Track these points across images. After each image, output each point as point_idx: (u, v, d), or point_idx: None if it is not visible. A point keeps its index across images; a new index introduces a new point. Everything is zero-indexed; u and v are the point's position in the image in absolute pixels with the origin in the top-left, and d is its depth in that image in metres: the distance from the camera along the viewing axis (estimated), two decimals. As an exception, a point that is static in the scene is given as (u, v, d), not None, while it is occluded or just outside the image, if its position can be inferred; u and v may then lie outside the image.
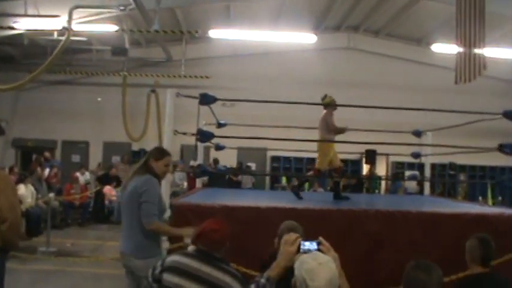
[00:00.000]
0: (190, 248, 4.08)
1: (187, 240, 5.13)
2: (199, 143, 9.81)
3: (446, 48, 16.25)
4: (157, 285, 3.86)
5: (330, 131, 9.17)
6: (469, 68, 10.28)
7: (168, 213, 6.21)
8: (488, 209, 9.21)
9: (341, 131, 9.17)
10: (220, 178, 16.15)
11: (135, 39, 17.67)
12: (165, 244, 5.94)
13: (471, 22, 10.38)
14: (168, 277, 3.79)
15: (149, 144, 13.90)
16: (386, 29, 19.44)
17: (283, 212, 6.48)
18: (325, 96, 9.42)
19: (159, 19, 13.61)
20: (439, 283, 3.23)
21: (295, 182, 13.77)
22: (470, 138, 12.12)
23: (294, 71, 18.96)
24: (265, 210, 6.68)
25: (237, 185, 16.63)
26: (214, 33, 16.93)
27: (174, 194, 11.94)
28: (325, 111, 9.20)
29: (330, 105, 9.30)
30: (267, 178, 19.88)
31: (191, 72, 17.45)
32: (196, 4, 15.79)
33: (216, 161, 16.35)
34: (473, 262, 4.51)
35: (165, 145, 7.14)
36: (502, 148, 7.94)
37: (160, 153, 5.45)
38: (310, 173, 10.05)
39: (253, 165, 19.77)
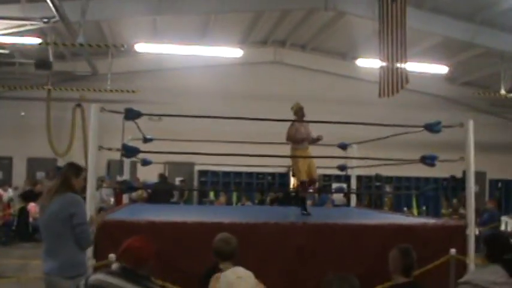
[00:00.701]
0: (114, 266, 4.00)
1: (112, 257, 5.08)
2: (125, 158, 9.68)
3: (370, 63, 16.58)
4: (81, 305, 3.75)
5: (295, 142, 9.19)
6: (392, 82, 10.52)
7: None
8: (412, 219, 9.43)
9: (298, 140, 9.12)
10: (163, 194, 16.11)
11: (59, 52, 17.28)
12: (91, 261, 5.82)
13: (393, 38, 10.64)
14: (91, 296, 3.69)
15: (75, 159, 13.56)
16: (312, 44, 19.69)
17: (209, 227, 6.43)
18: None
19: (84, 32, 13.36)
20: None
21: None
22: (395, 150, 12.40)
23: (221, 85, 18.99)
24: (192, 225, 6.62)
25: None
26: (140, 47, 16.77)
27: (100, 210, 11.72)
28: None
29: (296, 114, 9.31)
30: (195, 193, 19.75)
31: (117, 86, 17.19)
32: (122, 18, 15.58)
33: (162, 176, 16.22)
34: (395, 272, 4.59)
35: (90, 160, 7.01)
36: (424, 159, 8.14)
37: (78, 168, 5.35)
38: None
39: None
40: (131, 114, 7.39)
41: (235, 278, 3.01)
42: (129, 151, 7.62)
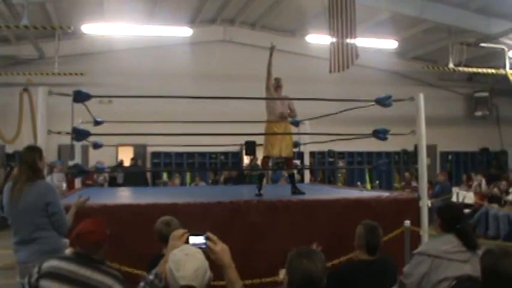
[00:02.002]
0: (68, 251, 3.93)
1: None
2: (76, 142, 9.52)
3: (320, 39, 16.62)
4: (35, 293, 3.67)
5: (271, 114, 9.06)
6: (342, 57, 10.59)
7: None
8: (366, 193, 9.53)
9: (282, 115, 9.01)
10: (137, 176, 16.31)
11: (3, 35, 16.84)
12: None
13: (342, 14, 10.69)
14: (45, 284, 3.61)
15: (24, 145, 13.32)
16: (262, 21, 19.62)
17: (164, 208, 6.40)
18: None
19: (28, 13, 13.04)
20: (323, 268, 3.26)
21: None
22: (347, 126, 12.46)
23: (171, 65, 18.78)
24: (145, 207, 6.57)
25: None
26: (88, 28, 16.47)
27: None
28: None
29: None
30: (148, 174, 19.60)
31: (65, 69, 16.84)
32: (68, -2, 15.27)
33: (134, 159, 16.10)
34: (359, 248, 4.66)
35: (40, 145, 6.85)
36: (376, 134, 8.22)
37: (39, 150, 5.23)
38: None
39: (139, 162, 19.48)
40: (80, 97, 7.27)
41: (183, 255, 3.00)
42: (79, 134, 7.51)
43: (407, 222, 6.85)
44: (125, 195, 9.63)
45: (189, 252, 3.03)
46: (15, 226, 5.02)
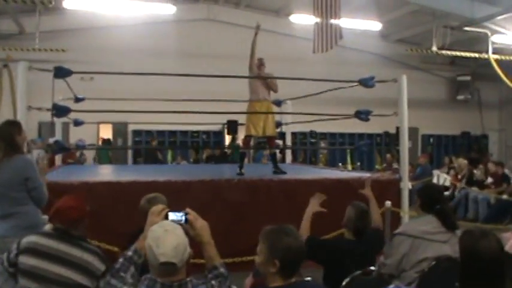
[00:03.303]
0: (48, 227, 3.91)
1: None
2: (56, 119, 9.46)
3: (304, 19, 16.57)
4: (14, 269, 3.65)
5: (253, 93, 9.03)
6: (326, 37, 10.56)
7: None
8: (347, 173, 9.60)
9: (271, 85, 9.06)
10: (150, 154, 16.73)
11: (-18, 10, 16.62)
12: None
13: (327, -7, 10.63)
14: (24, 259, 3.59)
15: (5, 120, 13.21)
16: (246, 0, 19.53)
17: (144, 185, 6.39)
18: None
19: (8, -13, 12.87)
20: (302, 242, 3.28)
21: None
22: (330, 107, 12.47)
23: (154, 43, 18.65)
24: (126, 185, 6.55)
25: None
26: (69, 3, 16.28)
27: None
28: None
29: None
30: (129, 152, 19.54)
31: (46, 45, 16.65)
32: (50, -28, 15.01)
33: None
34: (346, 228, 4.80)
35: (19, 121, 6.79)
36: (359, 114, 8.24)
37: (18, 125, 5.15)
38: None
39: (119, 141, 19.44)
40: (61, 72, 7.22)
41: (162, 231, 2.98)
42: (60, 111, 7.46)
43: (388, 203, 6.89)
44: (106, 173, 9.60)
45: (168, 229, 3.02)
46: None
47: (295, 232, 3.30)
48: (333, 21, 10.54)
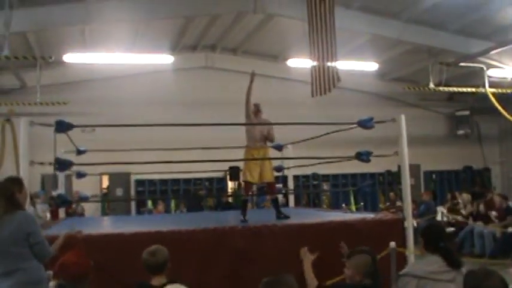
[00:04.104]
0: (52, 284, 3.89)
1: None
2: (59, 172, 9.47)
3: (301, 63, 16.70)
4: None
5: (249, 140, 9.05)
6: (324, 81, 10.63)
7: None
8: (351, 215, 9.53)
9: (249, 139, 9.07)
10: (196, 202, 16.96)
11: (-16, 66, 16.79)
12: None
13: (323, 37, 10.74)
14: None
15: (6, 176, 13.20)
16: (243, 47, 19.70)
17: (148, 236, 6.35)
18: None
19: (9, 44, 13.00)
20: None
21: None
22: (330, 148, 12.45)
23: (154, 93, 18.80)
24: (130, 236, 6.51)
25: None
26: (69, 57, 16.46)
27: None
28: None
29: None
30: (133, 202, 19.51)
31: (48, 98, 16.77)
32: (49, 28, 15.20)
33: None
34: (358, 274, 4.57)
35: (22, 176, 6.78)
36: (359, 156, 8.23)
37: (20, 182, 5.16)
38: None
39: (120, 191, 19.40)
40: (62, 127, 7.23)
41: None
42: (62, 164, 7.45)
43: (392, 244, 6.83)
44: (108, 225, 9.56)
45: None
46: None
47: (292, 283, 3.27)
48: (329, 64, 10.61)
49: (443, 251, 4.34)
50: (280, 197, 16.80)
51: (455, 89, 18.67)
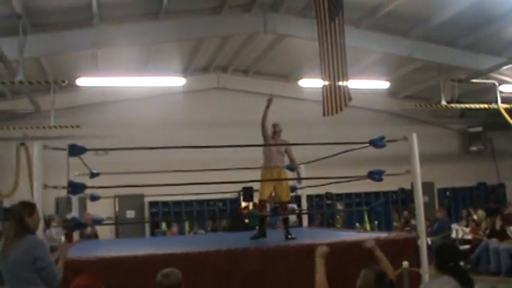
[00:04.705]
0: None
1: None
2: (72, 195, 9.51)
3: (313, 83, 16.74)
4: None
5: (266, 161, 9.08)
6: (335, 100, 10.61)
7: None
8: (364, 234, 9.48)
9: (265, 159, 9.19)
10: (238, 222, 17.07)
11: (-1, 91, 16.96)
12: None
13: (334, 57, 10.74)
14: None
15: (21, 199, 13.25)
16: (255, 67, 19.79)
17: (162, 258, 6.34)
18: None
19: (23, 69, 13.13)
20: None
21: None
22: (343, 167, 12.41)
23: (166, 115, 18.90)
24: (143, 258, 6.51)
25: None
26: (82, 81, 16.59)
27: (51, 249, 11.45)
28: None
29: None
30: (147, 225, 19.53)
31: (61, 122, 16.90)
32: (62, 53, 15.34)
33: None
34: None
35: (36, 200, 6.84)
36: (372, 175, 8.22)
37: (31, 206, 5.18)
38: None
39: (132, 213, 19.43)
40: (75, 150, 7.29)
41: None
42: (75, 187, 7.50)
43: (405, 263, 6.78)
44: (121, 247, 9.55)
45: None
46: (7, 282, 4.98)
47: None
48: (341, 83, 10.61)
49: (454, 271, 4.33)
50: (293, 217, 16.82)
51: (467, 105, 18.59)
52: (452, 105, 18.05)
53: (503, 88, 17.56)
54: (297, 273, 6.62)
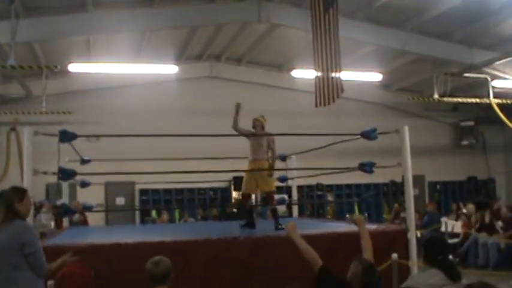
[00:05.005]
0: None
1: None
2: (63, 181, 9.51)
3: (305, 73, 16.72)
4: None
5: (250, 154, 9.11)
6: (328, 91, 10.61)
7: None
8: (354, 226, 9.49)
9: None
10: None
11: (-10, 75, 16.85)
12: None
13: (327, 48, 10.74)
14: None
15: (12, 185, 13.23)
16: (248, 57, 19.75)
17: (151, 246, 6.35)
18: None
19: (15, 53, 13.04)
20: None
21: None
22: (334, 159, 12.50)
23: (158, 102, 18.86)
24: (133, 246, 6.51)
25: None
26: (74, 67, 16.50)
27: (41, 236, 11.43)
28: None
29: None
30: (137, 212, 19.52)
31: (53, 108, 16.79)
32: (55, 38, 15.26)
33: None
34: (355, 285, 4.55)
35: (26, 185, 6.81)
36: (363, 167, 8.24)
37: (22, 192, 5.15)
38: None
39: (122, 200, 19.43)
40: (66, 137, 7.26)
41: None
42: (65, 174, 7.46)
43: (394, 256, 6.81)
44: (111, 234, 9.55)
45: None
46: None
47: None
48: (333, 74, 10.61)
49: (442, 264, 4.35)
50: (283, 207, 16.83)
51: (459, 99, 18.61)
52: (445, 98, 18.06)
53: (495, 83, 17.58)
54: (286, 262, 6.64)
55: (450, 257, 5.54)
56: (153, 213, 18.80)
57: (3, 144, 15.81)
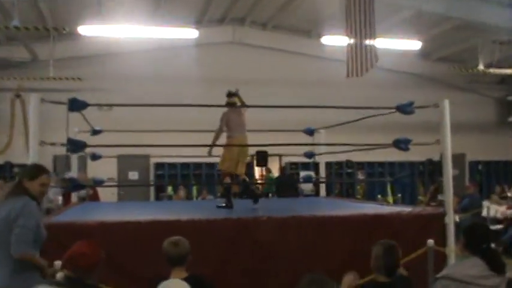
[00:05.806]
0: (59, 275, 3.92)
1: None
2: (72, 153, 9.55)
3: (337, 40, 16.57)
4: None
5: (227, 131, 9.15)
6: (361, 60, 10.54)
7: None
8: (386, 208, 9.47)
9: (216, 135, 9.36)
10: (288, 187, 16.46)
11: (-8, 36, 16.93)
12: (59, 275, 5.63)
13: (361, 13, 10.64)
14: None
15: (16, 156, 13.39)
16: (274, 21, 19.62)
17: (166, 225, 6.38)
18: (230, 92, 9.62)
19: (20, 13, 13.05)
20: None
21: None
22: (367, 134, 12.46)
23: (176, 69, 18.84)
24: (146, 224, 6.54)
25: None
26: (85, 29, 16.50)
27: (48, 211, 11.54)
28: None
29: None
30: (152, 188, 19.64)
31: (61, 73, 16.88)
32: (63, -3, 15.28)
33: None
34: (376, 270, 4.58)
35: (31, 157, 6.87)
36: (397, 144, 8.16)
37: (35, 171, 5.15)
38: None
39: (135, 174, 19.54)
40: (76, 105, 7.26)
41: None
42: (74, 145, 7.48)
43: (430, 242, 6.76)
44: (124, 211, 9.62)
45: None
46: None
47: (327, 283, 3.29)
48: (367, 42, 10.53)
49: (486, 254, 4.31)
50: (309, 185, 16.87)
51: (507, 71, 18.36)
52: (491, 70, 17.85)
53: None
54: (310, 245, 6.65)
55: (493, 245, 5.46)
56: (169, 189, 18.88)
57: (6, 112, 15.86)
